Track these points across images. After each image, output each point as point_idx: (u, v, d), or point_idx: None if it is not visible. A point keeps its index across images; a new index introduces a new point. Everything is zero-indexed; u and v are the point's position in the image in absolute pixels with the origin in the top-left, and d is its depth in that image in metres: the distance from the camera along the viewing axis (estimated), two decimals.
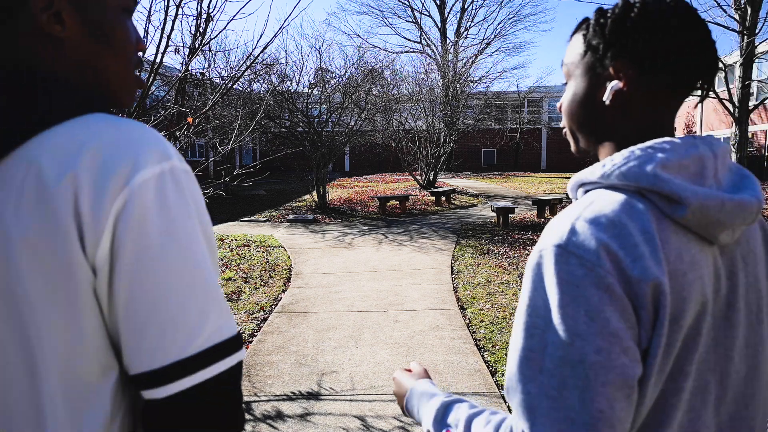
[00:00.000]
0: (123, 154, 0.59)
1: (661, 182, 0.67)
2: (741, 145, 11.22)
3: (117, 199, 0.58)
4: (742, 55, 10.99)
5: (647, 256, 0.65)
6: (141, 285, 0.59)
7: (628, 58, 0.74)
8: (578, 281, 0.63)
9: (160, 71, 3.14)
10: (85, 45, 0.68)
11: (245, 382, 3.51)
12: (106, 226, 0.58)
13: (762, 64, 20.43)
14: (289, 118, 17.08)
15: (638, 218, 0.67)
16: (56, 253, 0.57)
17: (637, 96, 0.76)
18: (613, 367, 0.61)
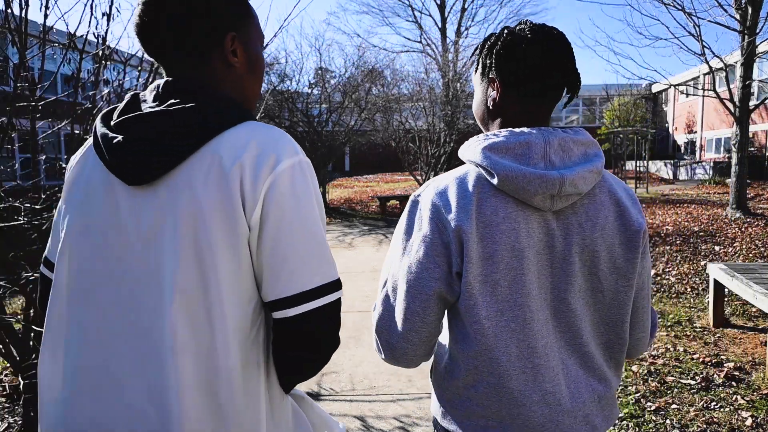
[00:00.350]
0: (270, 150, 0.89)
1: (484, 159, 0.98)
2: (742, 145, 11.20)
3: (266, 181, 0.87)
4: (743, 54, 10.97)
5: (457, 210, 0.97)
6: (279, 241, 0.89)
7: (498, 76, 1.04)
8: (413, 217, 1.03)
9: (160, 71, 3.13)
10: (243, 72, 1.01)
11: None
12: (259, 198, 0.87)
13: (763, 63, 20.41)
14: (288, 117, 17.06)
15: (459, 184, 1.00)
16: (229, 214, 0.86)
17: (507, 102, 1.06)
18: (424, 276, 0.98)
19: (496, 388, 1.00)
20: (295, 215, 0.90)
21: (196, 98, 0.92)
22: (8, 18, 2.85)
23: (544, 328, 1.01)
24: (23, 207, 2.79)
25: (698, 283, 6.04)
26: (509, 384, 0.99)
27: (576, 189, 0.97)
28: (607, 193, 1.06)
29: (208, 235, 0.86)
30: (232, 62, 0.99)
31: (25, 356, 2.99)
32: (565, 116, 37.00)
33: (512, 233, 0.97)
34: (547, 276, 1.02)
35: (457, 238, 0.96)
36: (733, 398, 3.22)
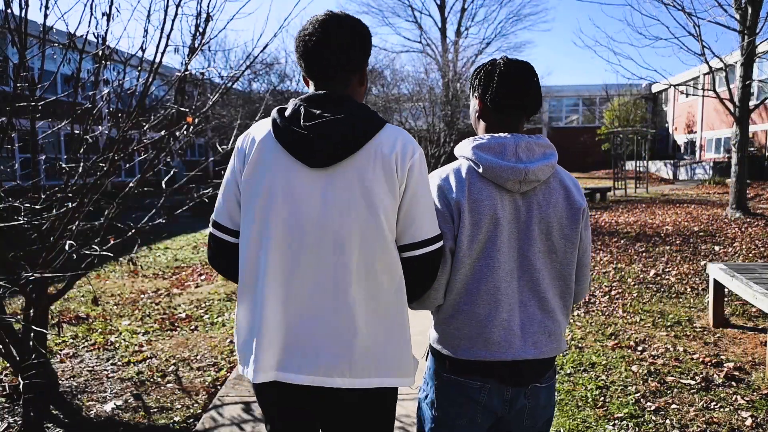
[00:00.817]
0: (410, 143, 1.35)
1: (473, 155, 1.40)
2: (741, 145, 11.20)
3: (409, 163, 1.32)
4: (743, 54, 10.97)
5: (456, 190, 1.39)
6: (412, 204, 1.33)
7: (479, 96, 1.48)
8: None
9: (160, 71, 3.13)
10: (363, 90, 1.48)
11: (245, 383, 3.50)
12: (405, 175, 1.32)
13: (762, 63, 20.39)
14: None
15: (456, 173, 1.42)
16: (391, 184, 1.30)
17: (486, 114, 1.49)
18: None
19: (468, 315, 1.39)
20: (421, 186, 1.35)
21: (351, 107, 1.32)
22: (8, 18, 2.85)
23: (508, 276, 1.40)
24: (23, 207, 2.79)
25: (698, 283, 6.04)
26: (477, 310, 1.39)
27: (536, 177, 1.38)
28: (558, 182, 1.46)
29: (377, 200, 1.30)
30: (363, 83, 1.46)
31: (25, 356, 2.98)
32: (565, 116, 36.99)
33: (492, 207, 1.38)
34: (515, 240, 1.41)
35: (457, 209, 1.38)
36: (732, 398, 3.22)
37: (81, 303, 5.49)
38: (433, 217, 1.36)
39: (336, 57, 1.35)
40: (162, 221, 3.44)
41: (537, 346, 1.40)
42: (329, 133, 1.28)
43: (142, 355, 3.99)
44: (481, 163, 1.38)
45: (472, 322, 1.39)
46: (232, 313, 5.14)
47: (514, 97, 1.43)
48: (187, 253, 8.37)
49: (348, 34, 1.35)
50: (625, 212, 12.76)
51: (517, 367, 1.40)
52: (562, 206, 1.43)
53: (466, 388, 1.42)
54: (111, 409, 3.12)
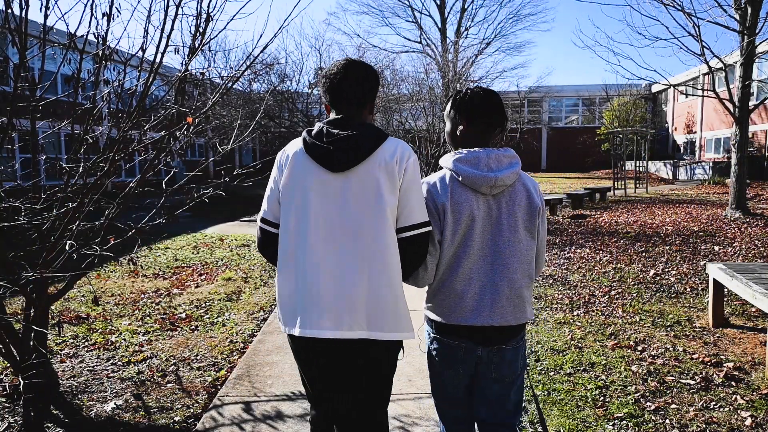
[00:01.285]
0: (407, 151, 1.78)
1: (454, 166, 1.80)
2: (741, 145, 11.20)
3: (404, 166, 1.74)
4: (743, 54, 10.97)
5: (441, 194, 1.79)
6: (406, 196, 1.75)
7: (464, 117, 1.87)
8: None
9: (160, 71, 3.13)
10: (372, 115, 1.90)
11: (245, 383, 3.50)
12: (402, 174, 1.74)
13: (762, 63, 20.39)
14: (289, 117, 17.05)
15: (441, 180, 1.82)
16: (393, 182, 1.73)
17: (468, 132, 1.89)
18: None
19: (449, 290, 1.81)
20: (413, 183, 1.77)
21: (362, 127, 1.77)
22: (8, 18, 2.85)
23: (480, 260, 1.80)
24: (23, 207, 2.79)
25: (698, 283, 6.04)
26: (455, 286, 1.80)
27: (504, 183, 1.78)
28: (522, 185, 1.85)
29: (384, 193, 1.72)
30: (371, 111, 1.91)
31: (25, 356, 2.99)
32: (565, 116, 36.99)
33: (469, 207, 1.78)
34: (488, 232, 1.80)
35: (443, 210, 1.79)
36: (732, 398, 3.23)
37: (81, 303, 5.50)
38: (422, 208, 1.78)
39: (352, 92, 1.83)
40: (162, 221, 3.45)
41: (503, 316, 1.80)
42: (345, 146, 1.72)
43: (142, 355, 3.99)
44: (461, 173, 1.79)
45: (452, 295, 1.81)
46: (232, 313, 5.14)
47: (487, 117, 1.87)
48: (188, 253, 8.38)
49: (361, 77, 1.84)
50: (625, 212, 12.76)
51: (486, 331, 1.81)
52: (524, 205, 1.82)
53: (449, 346, 1.86)
54: (111, 409, 3.13)
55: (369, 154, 1.73)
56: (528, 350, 4.04)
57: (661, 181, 23.87)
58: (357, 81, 1.82)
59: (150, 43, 3.07)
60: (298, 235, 1.76)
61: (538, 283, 6.20)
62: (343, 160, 1.71)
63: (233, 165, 21.17)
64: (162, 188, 3.47)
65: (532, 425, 2.95)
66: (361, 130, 1.75)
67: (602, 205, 14.75)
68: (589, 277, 6.47)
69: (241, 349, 4.17)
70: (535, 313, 4.99)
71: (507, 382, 1.88)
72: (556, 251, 8.10)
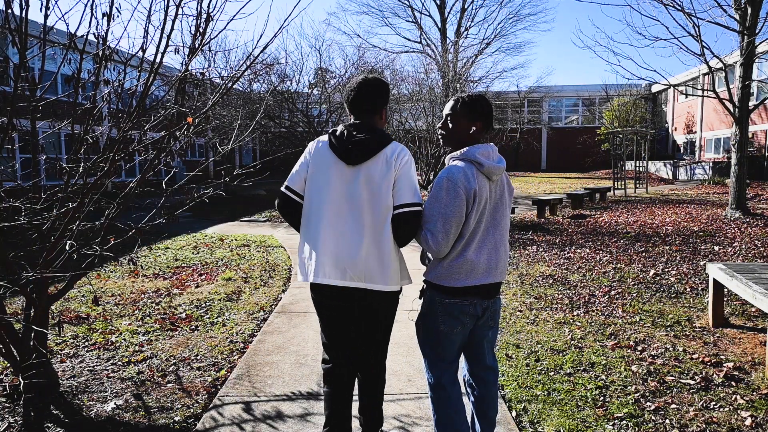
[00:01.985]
0: (404, 152, 2.38)
1: (476, 158, 2.24)
2: (741, 145, 11.20)
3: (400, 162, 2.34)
4: (743, 55, 10.97)
5: (472, 182, 2.20)
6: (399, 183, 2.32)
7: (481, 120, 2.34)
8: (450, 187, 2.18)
9: (160, 71, 3.13)
10: (383, 121, 2.50)
11: (245, 383, 3.51)
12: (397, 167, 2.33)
13: (762, 63, 20.39)
14: (289, 118, 17.04)
15: (469, 170, 2.22)
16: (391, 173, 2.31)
17: (479, 132, 2.35)
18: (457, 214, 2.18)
19: (465, 258, 2.23)
20: (405, 173, 2.32)
21: (374, 132, 2.35)
22: (8, 18, 2.85)
23: (486, 232, 2.28)
24: (24, 207, 2.79)
25: (698, 283, 6.04)
26: (470, 256, 2.23)
27: (502, 171, 2.29)
28: (504, 175, 2.37)
29: (382, 181, 2.28)
30: (383, 117, 2.47)
31: (25, 356, 2.99)
32: (565, 116, 36.98)
33: (486, 192, 2.25)
34: (491, 210, 2.29)
35: (473, 194, 2.19)
36: (732, 398, 3.23)
37: (81, 303, 5.50)
38: (411, 192, 2.30)
39: (365, 104, 2.40)
40: (162, 221, 3.45)
41: (502, 274, 2.36)
42: (360, 147, 2.32)
43: (142, 355, 3.99)
44: (484, 164, 2.23)
45: (468, 263, 2.23)
46: (232, 313, 5.14)
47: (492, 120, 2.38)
48: (188, 253, 8.38)
49: (374, 91, 2.40)
50: (625, 212, 12.76)
51: (490, 287, 2.31)
52: (507, 187, 2.39)
53: (461, 305, 2.27)
54: (111, 409, 3.13)
55: (376, 153, 2.31)
56: (528, 350, 4.04)
57: (661, 181, 23.87)
58: (369, 96, 2.39)
59: (150, 43, 3.07)
60: (319, 208, 2.34)
61: (538, 283, 6.20)
62: (358, 157, 2.31)
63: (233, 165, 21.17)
64: (162, 188, 3.47)
65: (531, 425, 2.95)
66: (373, 135, 2.33)
67: (602, 205, 14.75)
68: (589, 277, 6.47)
69: (241, 349, 4.17)
70: (535, 313, 5.00)
71: (496, 327, 2.46)
72: (556, 251, 8.10)
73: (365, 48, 26.09)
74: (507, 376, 3.58)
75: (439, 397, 2.36)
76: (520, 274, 6.66)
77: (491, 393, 2.44)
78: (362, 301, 2.37)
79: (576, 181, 24.40)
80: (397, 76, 20.18)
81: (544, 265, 7.19)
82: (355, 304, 2.38)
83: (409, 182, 2.30)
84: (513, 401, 3.21)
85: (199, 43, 3.22)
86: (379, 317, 2.45)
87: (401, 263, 2.42)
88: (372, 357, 2.52)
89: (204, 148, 26.43)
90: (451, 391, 2.35)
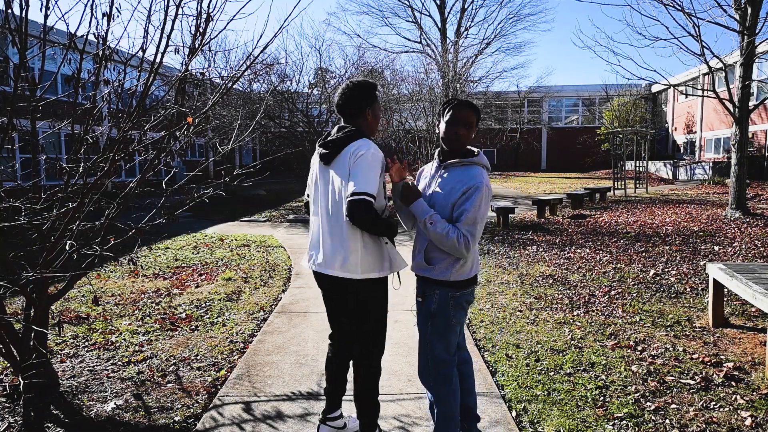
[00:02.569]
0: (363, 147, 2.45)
1: (487, 164, 2.50)
2: (741, 145, 11.20)
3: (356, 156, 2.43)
4: (743, 55, 10.97)
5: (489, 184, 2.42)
6: (352, 173, 2.42)
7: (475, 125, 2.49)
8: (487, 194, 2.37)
9: (160, 71, 3.13)
10: (372, 122, 2.64)
11: (245, 383, 3.51)
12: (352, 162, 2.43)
13: (762, 63, 20.38)
14: (289, 118, 17.04)
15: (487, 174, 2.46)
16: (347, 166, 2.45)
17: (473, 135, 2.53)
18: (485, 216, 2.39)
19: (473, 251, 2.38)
20: (357, 166, 2.40)
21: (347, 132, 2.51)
22: (8, 18, 2.85)
23: None
24: (24, 207, 2.79)
25: (698, 283, 6.04)
26: (476, 248, 2.41)
27: None
28: None
29: (343, 177, 2.44)
30: (368, 119, 2.60)
31: (25, 356, 2.99)
32: (565, 116, 36.97)
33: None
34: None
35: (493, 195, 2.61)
36: (732, 398, 3.23)
37: (81, 303, 5.50)
38: (361, 183, 2.35)
39: (348, 108, 2.59)
40: (162, 221, 3.45)
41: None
42: (330, 146, 2.53)
43: (142, 355, 3.99)
44: (489, 169, 2.50)
45: (474, 253, 2.43)
46: (232, 313, 5.14)
47: None
48: (188, 253, 8.37)
49: (356, 94, 2.56)
50: (625, 212, 12.76)
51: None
52: None
53: (467, 294, 2.47)
54: (111, 409, 3.13)
55: (341, 150, 2.48)
56: (528, 350, 4.05)
57: (661, 181, 23.87)
58: (351, 100, 2.56)
59: (150, 43, 3.07)
60: (314, 206, 2.67)
61: (538, 283, 6.20)
62: (328, 156, 2.53)
63: (233, 165, 21.16)
64: (162, 188, 3.47)
65: (531, 425, 2.95)
66: (345, 134, 2.50)
67: (602, 205, 14.75)
68: (589, 277, 6.47)
69: (241, 349, 4.17)
70: (535, 313, 5.00)
71: None
72: (556, 251, 8.10)
73: (365, 48, 26.06)
74: (507, 376, 3.58)
75: (447, 392, 2.47)
76: (520, 274, 6.66)
77: (472, 369, 2.76)
78: (335, 289, 2.58)
79: (576, 181, 24.40)
80: (397, 76, 20.21)
81: (544, 265, 7.19)
82: (327, 290, 2.66)
83: (358, 173, 2.37)
84: (513, 401, 3.21)
85: (199, 43, 3.22)
86: (348, 306, 2.58)
87: (369, 253, 2.49)
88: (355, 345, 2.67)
89: (204, 148, 26.43)
90: (456, 382, 2.51)
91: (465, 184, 2.33)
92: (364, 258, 2.48)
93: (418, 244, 2.52)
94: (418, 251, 2.51)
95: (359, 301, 2.55)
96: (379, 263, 2.52)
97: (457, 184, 2.36)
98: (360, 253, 2.46)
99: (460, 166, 2.42)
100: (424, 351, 2.51)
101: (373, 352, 2.64)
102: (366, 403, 2.68)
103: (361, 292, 2.53)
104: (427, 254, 2.44)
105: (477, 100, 25.37)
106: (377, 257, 2.52)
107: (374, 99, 2.58)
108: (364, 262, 2.47)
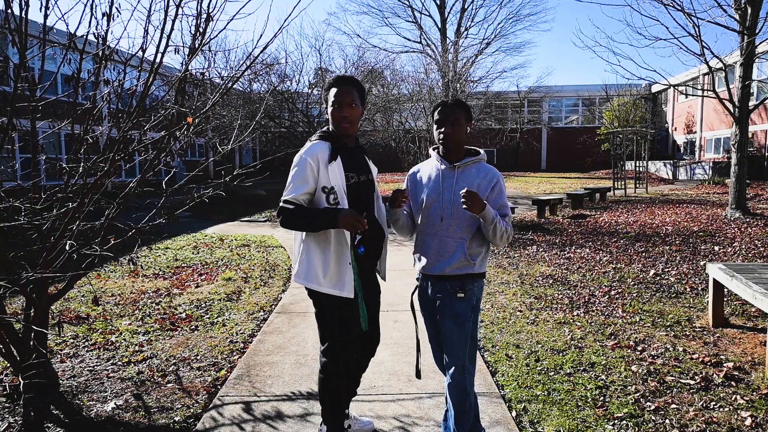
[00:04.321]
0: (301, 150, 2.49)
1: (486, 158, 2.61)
2: (741, 145, 11.20)
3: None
4: (743, 55, 10.97)
5: None
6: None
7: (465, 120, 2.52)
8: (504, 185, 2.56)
9: (160, 71, 3.13)
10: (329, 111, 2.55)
11: (245, 383, 3.51)
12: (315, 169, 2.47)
13: (762, 63, 20.38)
14: (289, 118, 17.04)
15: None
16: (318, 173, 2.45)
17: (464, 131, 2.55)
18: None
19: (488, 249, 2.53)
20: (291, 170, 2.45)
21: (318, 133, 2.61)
22: (8, 18, 2.85)
23: None
24: (23, 207, 2.79)
25: (698, 283, 6.04)
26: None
27: None
28: None
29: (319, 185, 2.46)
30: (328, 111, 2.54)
31: (25, 356, 2.99)
32: (565, 116, 36.97)
33: None
34: None
35: None
36: (732, 398, 3.23)
37: (81, 303, 5.50)
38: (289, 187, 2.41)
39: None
40: (162, 221, 3.45)
41: None
42: None
43: (142, 355, 3.99)
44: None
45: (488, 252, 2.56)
46: (232, 313, 5.14)
47: None
48: (187, 253, 8.38)
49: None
50: (625, 212, 12.76)
51: None
52: None
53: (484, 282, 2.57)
54: (111, 409, 3.13)
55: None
56: (528, 350, 4.05)
57: (661, 181, 23.87)
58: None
59: (150, 43, 3.07)
60: None
61: (538, 283, 6.20)
62: None
63: (233, 165, 21.22)
64: (162, 188, 3.47)
65: (531, 425, 2.95)
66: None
67: (602, 205, 14.75)
68: (589, 277, 6.47)
69: (241, 349, 4.17)
70: (535, 313, 5.00)
71: None
72: (556, 251, 8.10)
73: (365, 48, 26.07)
74: (507, 376, 3.58)
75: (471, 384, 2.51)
76: (520, 274, 6.66)
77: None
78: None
79: (576, 181, 24.40)
80: (397, 76, 20.20)
81: (544, 265, 7.19)
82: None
83: (291, 178, 2.43)
84: (513, 401, 3.21)
85: (199, 43, 3.22)
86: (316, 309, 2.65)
87: (311, 263, 2.48)
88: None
89: (204, 148, 26.43)
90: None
91: (488, 179, 2.45)
92: (305, 265, 2.50)
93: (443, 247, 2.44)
94: (449, 254, 2.43)
95: (316, 306, 2.62)
96: (316, 277, 2.46)
97: (482, 181, 2.45)
98: (304, 259, 2.52)
99: (471, 164, 2.51)
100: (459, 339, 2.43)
101: (328, 361, 2.56)
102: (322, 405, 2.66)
103: (314, 299, 2.61)
104: (470, 251, 2.42)
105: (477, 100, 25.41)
106: (319, 269, 2.45)
107: (329, 87, 2.50)
108: (305, 269, 2.50)
